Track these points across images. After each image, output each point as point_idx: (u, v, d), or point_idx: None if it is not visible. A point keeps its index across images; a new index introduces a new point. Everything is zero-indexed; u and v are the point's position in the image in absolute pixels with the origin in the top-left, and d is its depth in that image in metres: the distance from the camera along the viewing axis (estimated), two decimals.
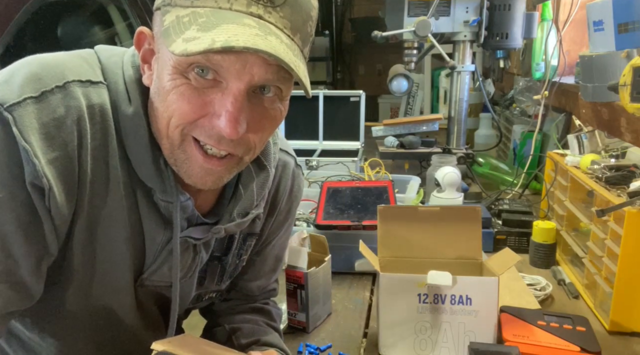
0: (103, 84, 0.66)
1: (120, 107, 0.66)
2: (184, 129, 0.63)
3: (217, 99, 0.61)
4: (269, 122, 0.67)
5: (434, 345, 0.82)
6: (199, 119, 0.62)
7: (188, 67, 0.60)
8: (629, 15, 1.13)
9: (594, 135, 1.26)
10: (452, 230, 0.89)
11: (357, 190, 1.28)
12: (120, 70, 0.68)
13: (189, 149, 0.65)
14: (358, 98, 1.91)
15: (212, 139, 0.63)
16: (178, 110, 0.62)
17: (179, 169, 0.67)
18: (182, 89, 0.61)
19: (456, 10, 1.65)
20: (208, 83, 0.61)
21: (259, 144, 0.68)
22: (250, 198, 0.78)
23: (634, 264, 0.85)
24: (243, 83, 0.60)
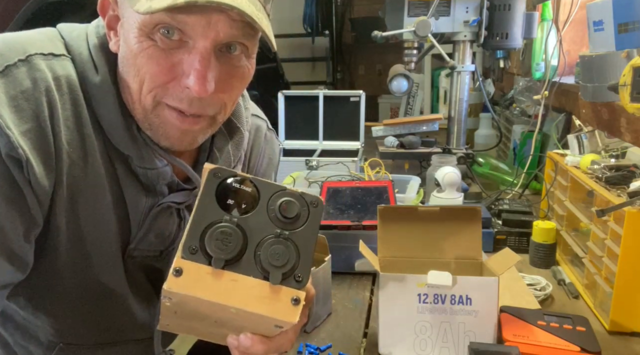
0: (66, 57, 0.67)
1: (88, 77, 0.66)
2: (156, 95, 0.64)
3: (185, 59, 0.62)
4: (238, 80, 0.68)
5: (434, 345, 0.82)
6: (170, 82, 0.63)
7: (154, 28, 0.61)
8: (629, 15, 1.13)
9: (594, 135, 1.26)
10: (452, 230, 0.89)
11: (357, 190, 1.28)
12: (84, 42, 0.68)
13: (162, 112, 0.66)
14: (358, 98, 1.91)
15: (184, 102, 0.64)
16: (148, 73, 0.63)
17: (155, 133, 0.68)
18: (150, 51, 0.62)
19: (456, 10, 1.65)
20: (174, 44, 0.62)
21: (229, 103, 0.69)
22: (227, 159, 0.79)
23: (634, 264, 0.85)
24: (209, 40, 0.61)
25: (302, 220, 0.58)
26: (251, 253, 0.55)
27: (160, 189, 0.74)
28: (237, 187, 0.56)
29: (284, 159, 1.74)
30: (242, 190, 0.56)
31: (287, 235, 0.56)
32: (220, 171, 0.55)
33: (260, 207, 0.56)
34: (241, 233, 0.55)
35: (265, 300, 0.55)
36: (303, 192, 0.58)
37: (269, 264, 0.55)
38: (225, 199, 0.56)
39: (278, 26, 5.32)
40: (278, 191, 0.57)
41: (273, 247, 0.55)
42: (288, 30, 5.52)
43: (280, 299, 0.55)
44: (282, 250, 0.56)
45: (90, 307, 0.76)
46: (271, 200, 0.57)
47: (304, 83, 5.14)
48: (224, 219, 0.55)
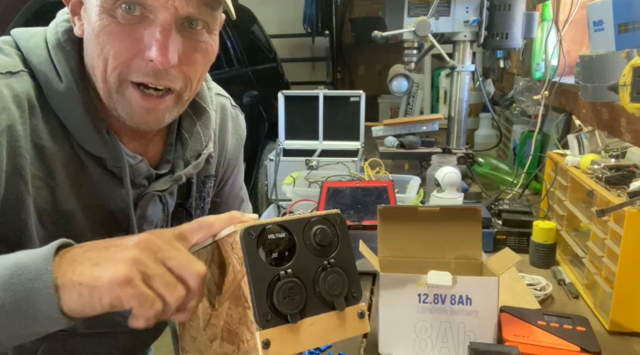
0: (24, 71, 0.67)
1: (52, 87, 0.67)
2: (120, 73, 0.65)
3: (146, 33, 0.64)
4: (201, 55, 0.69)
5: (434, 345, 0.82)
6: (133, 58, 0.64)
7: (114, 4, 0.62)
8: (629, 15, 1.13)
9: (594, 135, 1.26)
10: (452, 230, 0.89)
11: (357, 190, 1.28)
12: (43, 51, 0.68)
13: (127, 91, 0.67)
14: (358, 98, 1.91)
15: (149, 75, 0.66)
16: (112, 50, 0.64)
17: (120, 112, 0.69)
18: (111, 27, 0.63)
19: (456, 10, 1.65)
20: (135, 19, 0.63)
21: (194, 78, 0.70)
22: (199, 140, 0.81)
23: (634, 264, 0.85)
24: (169, 13, 0.63)
25: (336, 240, 0.61)
26: (312, 293, 0.58)
27: (139, 181, 0.76)
28: (273, 238, 0.57)
29: (284, 159, 1.74)
30: (278, 239, 0.57)
31: (332, 262, 0.59)
32: (252, 229, 0.56)
33: (299, 247, 0.58)
34: (299, 281, 0.57)
35: (340, 327, 0.59)
36: (325, 214, 0.61)
37: (330, 295, 0.58)
38: (270, 254, 0.57)
39: (278, 26, 5.34)
40: (306, 224, 0.59)
41: (327, 279, 0.58)
42: (288, 30, 5.52)
43: (350, 319, 0.60)
44: (335, 279, 0.59)
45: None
46: (305, 235, 0.59)
47: (304, 83, 5.15)
48: (281, 275, 0.56)
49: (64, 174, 0.69)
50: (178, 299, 0.53)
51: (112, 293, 0.50)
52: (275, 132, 2.04)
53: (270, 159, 1.75)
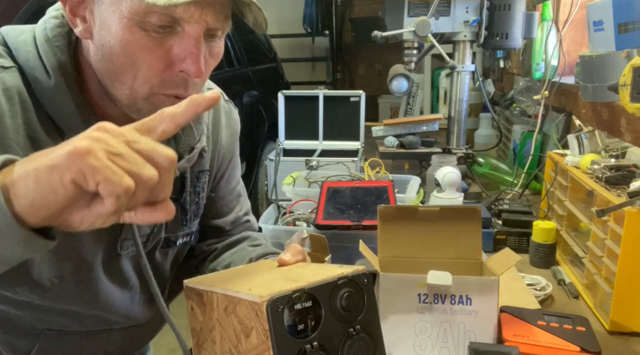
0: (14, 67, 0.67)
1: (40, 83, 0.67)
2: (152, 86, 0.66)
3: (176, 44, 0.65)
4: (214, 59, 0.71)
5: (434, 345, 0.82)
6: (164, 71, 0.65)
7: (145, 17, 0.62)
8: (629, 15, 1.13)
9: (594, 135, 1.26)
10: (452, 230, 0.89)
11: (357, 190, 1.28)
12: (31, 47, 0.69)
13: (156, 100, 0.67)
14: (358, 98, 1.91)
15: (180, 87, 0.67)
16: (144, 63, 0.64)
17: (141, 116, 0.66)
18: (143, 40, 0.63)
19: (456, 10, 1.65)
20: (165, 31, 0.64)
21: (206, 79, 0.73)
22: (191, 134, 0.81)
23: (634, 264, 0.85)
24: (201, 27, 0.64)
25: (362, 303, 0.59)
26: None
27: None
28: (300, 308, 0.54)
29: (284, 159, 1.74)
30: (305, 309, 0.55)
31: (358, 329, 0.58)
32: (279, 301, 0.53)
33: (325, 315, 0.56)
34: (325, 353, 0.55)
35: None
36: (353, 275, 0.58)
37: None
38: (296, 326, 0.54)
39: (278, 26, 5.34)
40: (332, 288, 0.57)
41: (354, 347, 0.57)
42: (288, 30, 5.52)
43: None
44: (362, 346, 0.57)
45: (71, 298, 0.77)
46: (331, 300, 0.56)
47: (304, 83, 5.15)
48: (307, 349, 0.54)
49: None
50: (149, 179, 0.46)
51: (72, 166, 0.44)
52: (275, 132, 2.04)
53: (270, 159, 1.75)
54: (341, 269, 0.60)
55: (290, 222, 1.27)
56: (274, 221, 1.31)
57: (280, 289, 0.54)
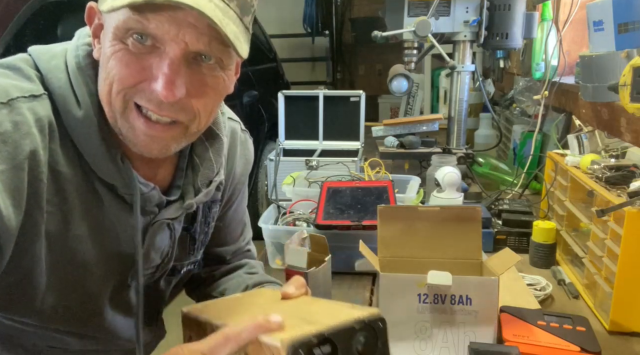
0: (45, 95, 0.66)
1: (70, 112, 0.66)
2: (125, 94, 0.64)
3: (155, 63, 0.63)
4: (211, 89, 0.68)
5: (434, 345, 0.82)
6: (139, 83, 0.63)
7: (126, 34, 0.62)
8: (629, 15, 1.13)
9: (594, 135, 1.26)
10: (452, 230, 0.89)
11: (357, 190, 1.28)
12: (63, 74, 0.67)
13: (131, 116, 0.66)
14: (358, 98, 1.91)
15: (152, 103, 0.64)
16: (117, 75, 0.63)
17: (125, 138, 0.68)
18: (120, 54, 0.62)
19: (456, 10, 1.65)
20: (146, 49, 0.62)
21: (203, 112, 0.69)
22: (210, 167, 0.79)
23: (634, 264, 0.85)
24: (179, 48, 0.62)
25: (376, 348, 0.58)
26: None
27: (150, 209, 0.74)
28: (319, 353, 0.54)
29: (284, 159, 1.74)
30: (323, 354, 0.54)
31: None
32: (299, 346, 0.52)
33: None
34: None
35: None
36: (369, 319, 0.58)
37: None
38: None
39: (278, 26, 5.34)
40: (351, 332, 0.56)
41: None
42: (288, 30, 5.52)
43: None
44: None
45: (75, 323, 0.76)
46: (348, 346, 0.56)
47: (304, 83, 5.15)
48: None
49: (76, 199, 0.68)
50: None
51: None
52: (275, 132, 2.04)
53: (270, 159, 1.75)
54: (355, 310, 0.59)
55: (290, 222, 1.27)
56: (274, 221, 1.31)
57: (300, 333, 0.53)
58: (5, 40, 2.22)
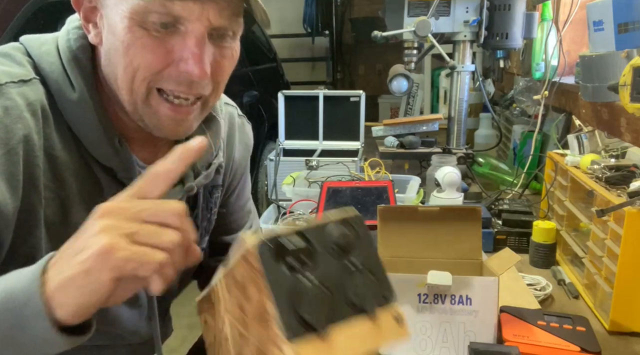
0: (36, 79, 0.66)
1: (65, 95, 0.66)
2: (150, 82, 0.64)
3: (179, 44, 0.63)
4: (228, 61, 0.69)
5: (434, 345, 0.82)
6: (165, 69, 0.64)
7: (147, 17, 0.61)
8: (629, 15, 1.13)
9: (594, 135, 1.26)
10: (452, 230, 0.89)
11: (357, 190, 1.28)
12: (55, 58, 0.67)
13: (155, 102, 0.66)
14: (358, 98, 1.91)
15: (182, 85, 0.65)
16: (144, 63, 0.63)
17: (147, 123, 0.68)
18: (144, 40, 0.62)
19: (456, 10, 1.65)
20: (167, 31, 0.62)
21: (221, 84, 0.70)
22: (209, 149, 0.79)
23: (634, 264, 0.85)
24: (203, 26, 0.62)
25: (357, 241, 0.57)
26: (339, 298, 0.54)
27: None
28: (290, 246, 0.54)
29: (284, 159, 1.74)
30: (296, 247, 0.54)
31: (355, 263, 0.56)
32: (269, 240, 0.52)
33: (320, 253, 0.55)
34: (323, 286, 0.53)
35: (375, 333, 0.54)
36: (344, 218, 0.58)
37: (358, 299, 0.54)
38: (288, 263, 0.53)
39: (278, 26, 5.34)
40: (323, 228, 0.56)
41: (352, 282, 0.55)
42: (288, 30, 5.52)
43: (385, 324, 0.55)
44: (360, 280, 0.55)
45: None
46: (322, 240, 0.56)
47: (304, 83, 5.14)
48: (304, 283, 0.53)
49: (74, 184, 0.67)
50: (173, 242, 0.50)
51: (105, 266, 0.47)
52: (275, 132, 2.04)
53: (270, 159, 1.75)
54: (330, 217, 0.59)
55: (290, 222, 1.27)
56: (274, 221, 1.31)
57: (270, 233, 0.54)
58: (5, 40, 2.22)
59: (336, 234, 0.56)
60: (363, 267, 0.56)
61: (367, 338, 0.54)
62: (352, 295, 0.54)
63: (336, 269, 0.55)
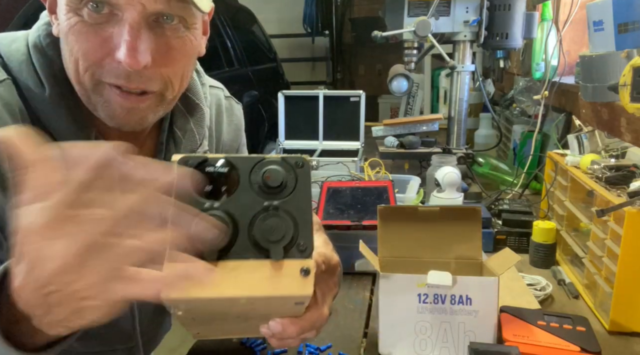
0: (8, 80, 0.65)
1: (35, 94, 0.64)
2: (93, 74, 0.62)
3: (115, 32, 0.60)
4: (179, 52, 0.65)
5: (434, 345, 0.82)
6: (104, 59, 0.61)
7: (80, 3, 0.59)
8: (629, 15, 1.13)
9: (594, 135, 1.26)
10: (452, 230, 0.89)
11: (357, 190, 1.28)
12: (25, 56, 0.66)
13: (104, 91, 0.63)
14: (358, 98, 1.91)
15: (121, 77, 0.62)
16: (80, 51, 0.61)
17: (100, 113, 0.65)
18: (78, 27, 0.60)
19: (456, 10, 1.65)
20: (103, 18, 0.60)
21: (174, 78, 0.66)
22: (192, 138, 0.77)
23: (634, 264, 0.85)
24: (137, 11, 0.59)
25: (291, 185, 0.52)
26: (244, 235, 0.50)
27: None
28: (211, 170, 0.50)
29: None
30: (218, 173, 0.50)
31: (276, 205, 0.51)
32: (190, 158, 0.49)
33: (242, 185, 0.51)
34: (228, 217, 0.50)
35: (272, 280, 0.50)
36: (284, 156, 0.53)
37: (266, 241, 0.50)
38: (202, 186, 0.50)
39: (278, 26, 5.34)
40: (257, 162, 0.52)
41: (266, 222, 0.50)
42: (288, 30, 5.53)
43: (288, 274, 0.50)
44: (276, 222, 0.50)
45: None
46: (253, 174, 0.51)
47: (304, 83, 5.15)
48: (205, 207, 0.49)
49: None
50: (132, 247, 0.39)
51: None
52: (275, 132, 2.04)
53: None
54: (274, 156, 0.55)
55: None
56: None
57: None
58: None
59: (268, 171, 0.51)
60: (285, 213, 0.51)
61: (261, 282, 0.50)
62: (259, 236, 0.50)
63: (252, 205, 0.51)
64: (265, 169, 0.51)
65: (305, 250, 0.51)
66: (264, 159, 0.52)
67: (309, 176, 0.53)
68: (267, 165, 0.51)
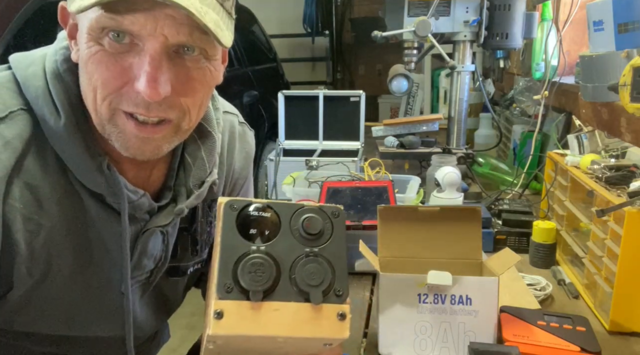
0: (23, 110, 0.64)
1: (50, 123, 0.64)
2: (111, 103, 0.61)
3: (135, 63, 0.60)
4: (199, 83, 0.64)
5: (434, 345, 0.82)
6: (123, 87, 0.61)
7: (101, 33, 0.58)
8: (629, 15, 1.13)
9: (594, 135, 1.26)
10: (452, 230, 0.89)
11: (357, 190, 1.28)
12: (41, 82, 0.65)
13: (120, 121, 0.63)
14: (358, 98, 1.91)
15: (140, 106, 0.61)
16: (100, 79, 0.60)
17: (114, 143, 0.65)
18: (98, 56, 0.59)
19: (456, 10, 1.65)
20: (124, 47, 0.59)
21: (193, 108, 0.66)
22: (202, 166, 0.76)
23: (634, 264, 0.85)
24: (159, 43, 0.58)
25: (328, 233, 0.57)
26: (286, 278, 0.54)
27: (140, 216, 0.72)
28: (256, 215, 0.55)
29: (284, 159, 1.74)
30: (262, 217, 0.55)
31: (317, 252, 0.56)
32: (236, 202, 0.54)
33: (283, 230, 0.55)
34: (272, 260, 0.54)
35: (311, 321, 0.54)
36: (322, 205, 0.58)
37: (306, 284, 0.54)
38: (248, 230, 0.55)
39: (278, 26, 5.34)
40: (297, 210, 0.57)
41: (307, 267, 0.55)
42: (288, 30, 5.53)
43: (326, 317, 0.55)
44: (316, 268, 0.55)
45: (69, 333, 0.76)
46: (293, 221, 0.56)
47: (304, 83, 5.15)
48: (252, 249, 0.53)
49: (59, 212, 0.65)
50: None
51: None
52: (275, 132, 2.04)
53: (270, 159, 1.75)
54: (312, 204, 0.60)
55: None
56: None
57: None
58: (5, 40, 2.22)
59: (308, 219, 0.56)
60: (323, 259, 0.56)
61: (301, 324, 0.54)
62: (299, 280, 0.54)
63: (293, 249, 0.55)
64: (305, 216, 0.56)
65: (341, 295, 0.56)
66: (303, 206, 0.57)
67: (344, 225, 0.59)
68: (306, 213, 0.56)
